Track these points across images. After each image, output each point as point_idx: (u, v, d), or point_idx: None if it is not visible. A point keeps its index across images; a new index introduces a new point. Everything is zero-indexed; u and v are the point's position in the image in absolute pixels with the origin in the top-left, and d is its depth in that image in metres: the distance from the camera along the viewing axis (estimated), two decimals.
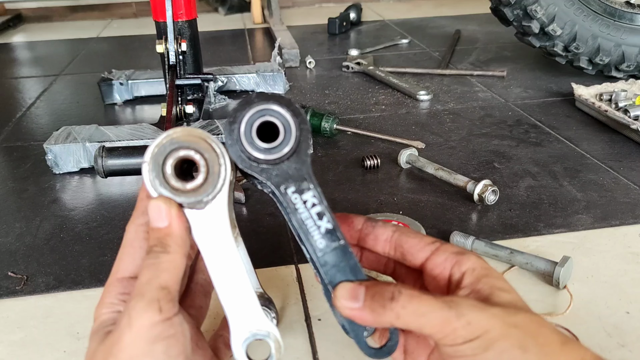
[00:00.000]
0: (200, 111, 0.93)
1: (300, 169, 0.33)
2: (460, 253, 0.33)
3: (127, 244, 0.34)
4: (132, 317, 0.29)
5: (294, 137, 0.33)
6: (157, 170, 0.31)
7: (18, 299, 0.52)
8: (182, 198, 0.32)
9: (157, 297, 0.29)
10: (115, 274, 0.33)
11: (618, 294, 0.50)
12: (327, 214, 0.33)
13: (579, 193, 0.68)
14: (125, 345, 0.28)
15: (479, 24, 1.67)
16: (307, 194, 0.33)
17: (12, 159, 0.84)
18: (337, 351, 0.44)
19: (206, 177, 0.32)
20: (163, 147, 0.32)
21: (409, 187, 0.71)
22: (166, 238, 0.32)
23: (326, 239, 0.34)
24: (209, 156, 0.32)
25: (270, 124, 0.33)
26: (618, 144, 0.82)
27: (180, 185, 0.32)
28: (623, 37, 1.03)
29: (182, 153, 0.32)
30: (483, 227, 0.62)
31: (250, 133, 0.32)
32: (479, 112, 0.97)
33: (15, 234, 0.63)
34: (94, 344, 0.31)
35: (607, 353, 0.43)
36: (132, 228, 0.34)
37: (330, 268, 0.33)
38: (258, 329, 0.33)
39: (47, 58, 1.48)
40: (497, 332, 0.28)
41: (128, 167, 0.64)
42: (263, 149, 0.32)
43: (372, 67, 1.20)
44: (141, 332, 0.28)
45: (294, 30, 1.63)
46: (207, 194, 0.32)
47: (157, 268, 0.31)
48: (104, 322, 0.32)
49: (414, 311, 0.29)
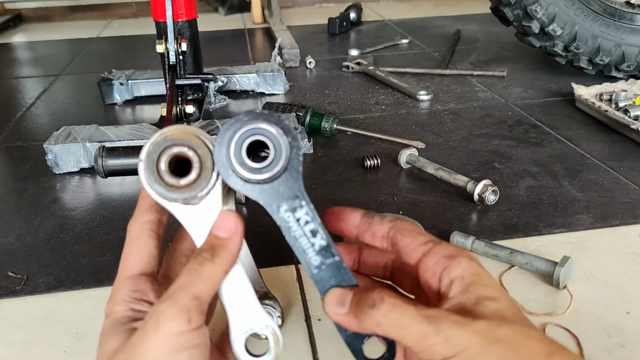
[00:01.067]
0: (200, 111, 0.93)
1: (292, 187, 0.33)
2: (450, 257, 0.33)
3: (132, 242, 0.34)
4: (159, 322, 0.29)
5: (285, 155, 0.32)
6: (151, 167, 0.32)
7: (18, 299, 0.52)
8: (177, 194, 0.32)
9: (189, 307, 0.29)
10: (124, 272, 0.33)
11: (618, 294, 0.50)
12: (321, 231, 0.34)
13: (579, 193, 0.68)
14: (150, 349, 0.28)
15: (479, 24, 1.67)
16: (300, 212, 0.33)
17: (12, 159, 0.84)
18: (337, 351, 0.44)
19: (199, 173, 0.32)
20: (157, 144, 0.32)
21: (409, 187, 0.71)
22: (219, 249, 0.32)
23: (320, 256, 0.34)
24: (201, 152, 0.32)
25: (260, 142, 0.32)
26: (618, 144, 0.82)
27: (174, 181, 0.32)
28: (623, 37, 1.03)
29: (175, 150, 0.32)
30: (483, 227, 0.62)
31: (240, 153, 0.32)
32: (479, 112, 0.97)
33: (15, 234, 0.63)
34: (113, 341, 0.31)
35: (607, 353, 0.43)
36: (136, 226, 0.34)
37: (326, 283, 0.34)
38: (256, 324, 0.34)
39: (47, 58, 1.48)
40: (476, 350, 0.28)
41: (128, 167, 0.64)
42: (254, 169, 0.32)
43: (372, 67, 1.20)
44: (167, 339, 0.28)
45: (294, 30, 1.63)
46: (200, 189, 0.32)
47: (197, 276, 0.31)
48: (119, 319, 0.32)
49: (394, 322, 0.29)
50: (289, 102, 1.04)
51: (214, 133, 0.79)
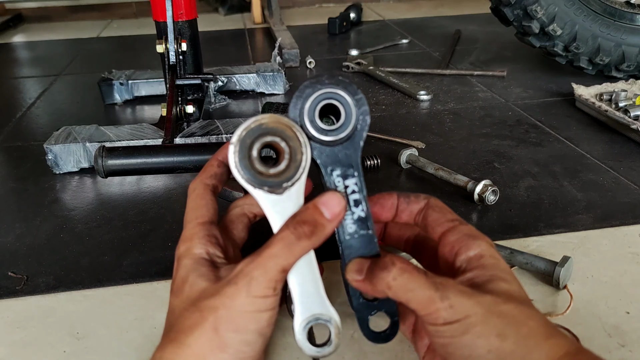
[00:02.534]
0: (200, 111, 0.93)
1: (350, 156, 0.35)
2: (472, 237, 0.34)
3: (199, 196, 0.37)
4: (252, 285, 0.32)
5: (352, 125, 0.34)
6: (243, 152, 0.33)
7: (18, 299, 0.52)
8: (264, 182, 0.33)
9: (277, 279, 0.32)
10: (196, 219, 0.37)
11: (618, 294, 0.50)
12: (364, 203, 0.35)
13: (579, 193, 0.68)
14: (241, 305, 0.32)
15: (479, 24, 1.67)
16: (350, 180, 0.35)
17: (12, 159, 0.84)
18: (337, 352, 0.44)
19: (288, 164, 0.34)
20: (252, 131, 0.33)
21: (409, 187, 0.71)
22: (320, 228, 0.33)
23: (356, 225, 0.35)
24: (293, 144, 0.33)
25: (334, 106, 0.34)
26: (618, 144, 0.82)
27: (264, 169, 0.33)
28: (623, 37, 1.03)
29: (268, 139, 0.33)
30: (483, 227, 0.62)
31: (314, 113, 0.34)
32: (479, 112, 0.97)
33: (15, 234, 0.63)
34: (202, 281, 0.34)
35: (607, 353, 0.43)
36: (201, 185, 0.38)
37: (353, 251, 0.35)
38: (321, 313, 0.35)
39: (47, 58, 1.48)
40: (478, 318, 0.29)
41: (128, 167, 0.64)
42: (322, 130, 0.34)
43: (372, 67, 1.20)
44: (256, 301, 0.32)
45: (294, 30, 1.63)
46: (287, 180, 0.34)
47: (290, 249, 0.33)
48: (199, 260, 0.35)
49: (402, 285, 0.31)
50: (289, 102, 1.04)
51: (215, 133, 0.79)
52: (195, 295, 0.33)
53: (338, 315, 0.35)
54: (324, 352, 0.35)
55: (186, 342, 0.32)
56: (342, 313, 0.37)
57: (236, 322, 0.32)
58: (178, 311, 0.34)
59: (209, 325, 0.32)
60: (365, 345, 0.38)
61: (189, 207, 0.38)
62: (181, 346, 0.32)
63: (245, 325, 0.32)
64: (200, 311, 0.32)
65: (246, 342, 0.32)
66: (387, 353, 0.43)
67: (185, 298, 0.34)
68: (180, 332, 0.32)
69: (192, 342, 0.32)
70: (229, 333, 0.32)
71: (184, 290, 0.34)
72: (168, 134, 0.74)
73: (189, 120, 0.87)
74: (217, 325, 0.31)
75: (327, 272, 0.51)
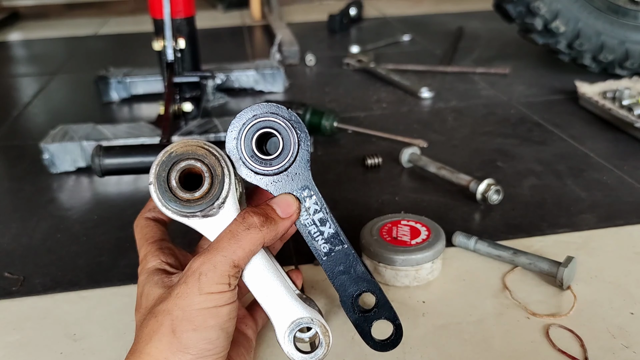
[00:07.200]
0: (198, 109, 0.92)
1: (301, 178, 0.34)
2: None
3: (143, 227, 0.40)
4: (202, 282, 0.32)
5: (294, 147, 0.34)
6: (163, 186, 0.32)
7: (14, 300, 0.52)
8: (194, 207, 0.32)
9: (229, 274, 0.32)
10: (146, 240, 0.39)
11: (622, 295, 0.49)
12: (329, 220, 0.35)
13: (583, 192, 0.68)
14: (194, 303, 0.31)
15: (481, 21, 1.66)
16: (309, 201, 0.35)
17: (8, 159, 0.83)
18: (337, 352, 0.44)
19: (211, 181, 0.32)
20: (163, 163, 0.32)
21: (411, 187, 0.70)
22: (271, 221, 0.33)
23: (329, 244, 0.35)
24: (209, 161, 0.32)
25: (269, 133, 0.34)
26: (622, 142, 0.82)
27: (189, 195, 0.32)
28: (627, 34, 1.02)
29: (183, 164, 0.32)
30: (486, 227, 0.61)
31: (251, 145, 0.33)
32: (482, 110, 0.96)
33: (11, 235, 0.63)
34: (156, 289, 0.35)
35: (611, 354, 0.43)
36: (141, 220, 0.40)
37: (335, 269, 0.35)
38: (300, 317, 0.34)
39: (43, 56, 1.47)
40: None
41: (125, 166, 0.63)
42: (263, 161, 0.34)
43: (373, 65, 1.19)
44: (209, 297, 0.32)
45: (294, 27, 1.62)
46: (216, 198, 0.33)
47: (238, 242, 0.32)
48: (154, 271, 0.36)
49: None
50: (289, 100, 1.04)
51: (213, 131, 0.79)
52: (152, 304, 0.34)
53: (320, 313, 0.34)
54: (318, 355, 0.33)
55: (145, 351, 0.32)
56: (342, 313, 0.36)
57: (193, 321, 0.31)
58: (138, 324, 0.34)
59: (165, 330, 0.31)
60: (365, 346, 0.37)
61: (137, 238, 0.40)
62: (141, 356, 0.32)
63: (203, 322, 0.31)
64: (155, 317, 0.32)
65: (208, 340, 0.32)
66: (387, 355, 0.42)
67: (144, 309, 0.34)
68: (140, 342, 0.32)
69: (152, 349, 0.31)
70: (188, 333, 0.31)
71: (142, 303, 0.35)
72: (166, 132, 0.73)
73: (187, 118, 0.86)
74: (174, 328, 0.31)
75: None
